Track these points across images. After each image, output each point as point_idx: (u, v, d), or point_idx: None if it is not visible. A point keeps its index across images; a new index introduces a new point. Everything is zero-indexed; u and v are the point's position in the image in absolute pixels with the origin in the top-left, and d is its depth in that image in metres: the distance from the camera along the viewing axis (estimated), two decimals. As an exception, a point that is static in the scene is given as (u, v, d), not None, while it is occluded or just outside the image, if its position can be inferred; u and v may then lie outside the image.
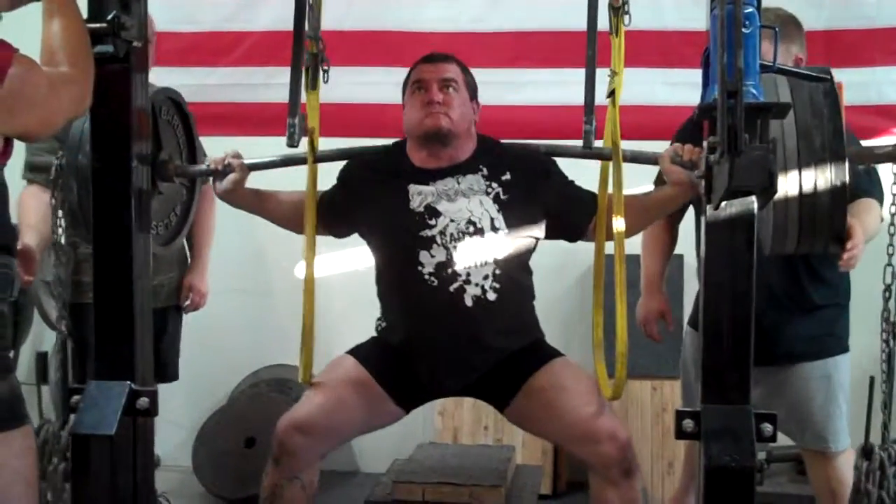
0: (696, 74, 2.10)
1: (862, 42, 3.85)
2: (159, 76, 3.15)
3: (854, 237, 2.36)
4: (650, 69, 3.77)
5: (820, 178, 2.03)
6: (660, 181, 2.64)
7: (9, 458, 2.08)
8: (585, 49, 2.38)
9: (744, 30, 1.82)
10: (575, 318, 3.98)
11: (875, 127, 3.80)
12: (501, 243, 2.54)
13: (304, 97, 2.45)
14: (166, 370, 3.16)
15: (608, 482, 2.44)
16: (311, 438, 2.50)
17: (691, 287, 3.10)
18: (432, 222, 2.55)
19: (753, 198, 1.99)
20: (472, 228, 2.53)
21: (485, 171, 2.61)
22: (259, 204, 2.67)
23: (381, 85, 3.93)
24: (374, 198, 2.64)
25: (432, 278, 2.52)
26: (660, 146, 3.11)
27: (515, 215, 2.56)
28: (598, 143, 2.36)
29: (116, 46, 2.12)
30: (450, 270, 2.51)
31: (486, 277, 2.52)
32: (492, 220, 2.54)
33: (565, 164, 2.66)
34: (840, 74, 3.58)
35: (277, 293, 4.37)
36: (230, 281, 3.64)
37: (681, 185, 2.40)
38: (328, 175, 2.68)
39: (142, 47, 2.19)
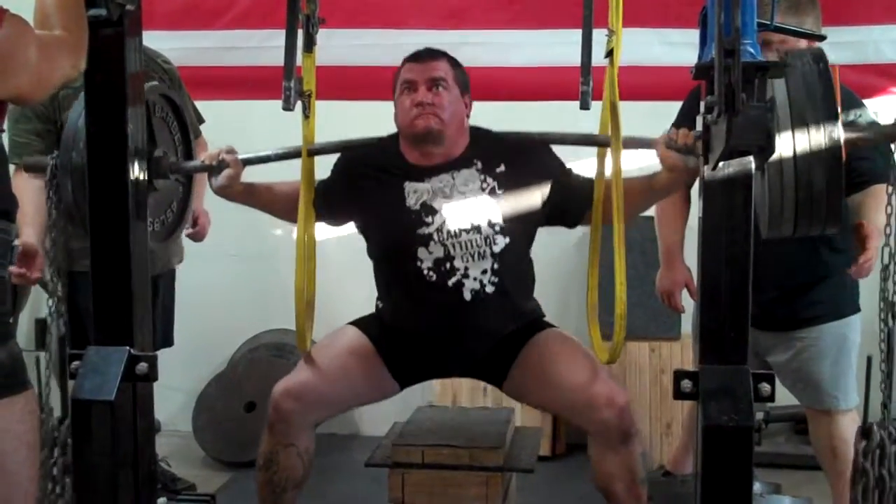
0: (693, 34, 2.08)
1: (859, 0, 3.82)
2: (154, 40, 3.13)
3: (868, 251, 2.36)
4: (647, 29, 3.74)
5: (815, 160, 2.00)
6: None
7: (11, 422, 2.10)
8: (582, 9, 2.36)
9: (742, -13, 1.80)
10: (574, 282, 3.96)
11: (873, 86, 3.77)
12: (498, 238, 2.53)
13: (300, 60, 2.43)
14: (160, 337, 3.14)
15: (608, 448, 2.45)
16: (304, 405, 2.52)
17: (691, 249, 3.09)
18: (429, 220, 2.54)
19: (751, 158, 1.98)
20: (469, 225, 2.52)
21: (479, 164, 2.59)
22: (255, 197, 2.67)
23: (377, 47, 3.90)
24: (369, 195, 2.63)
25: (431, 273, 2.52)
26: (657, 107, 3.09)
27: (512, 208, 2.56)
28: (595, 104, 2.35)
29: (110, 10, 2.09)
30: (448, 266, 2.52)
31: (484, 272, 2.52)
32: (489, 214, 2.54)
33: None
34: (837, 33, 3.59)
35: (276, 257, 4.34)
36: (229, 245, 3.62)
37: (677, 171, 2.35)
38: (324, 166, 2.67)
39: (135, 10, 2.17)
